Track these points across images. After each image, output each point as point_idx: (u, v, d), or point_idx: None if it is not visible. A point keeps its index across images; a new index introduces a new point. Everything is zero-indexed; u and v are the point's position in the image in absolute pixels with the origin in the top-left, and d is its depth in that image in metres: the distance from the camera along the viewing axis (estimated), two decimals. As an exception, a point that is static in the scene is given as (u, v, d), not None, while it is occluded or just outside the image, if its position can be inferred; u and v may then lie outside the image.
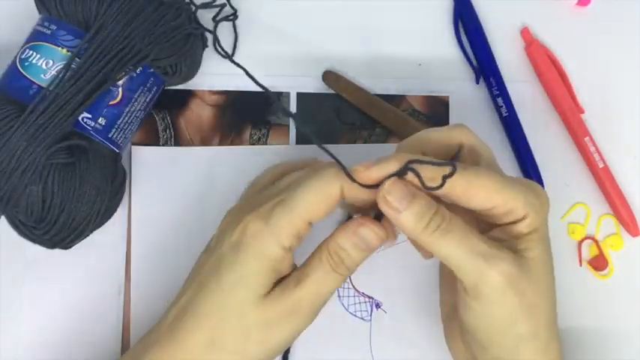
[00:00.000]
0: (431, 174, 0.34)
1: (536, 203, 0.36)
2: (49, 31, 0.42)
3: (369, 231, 0.36)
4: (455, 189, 0.35)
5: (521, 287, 0.35)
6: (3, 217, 0.43)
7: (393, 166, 0.34)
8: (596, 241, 0.49)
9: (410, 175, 0.34)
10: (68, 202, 0.41)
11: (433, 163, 0.33)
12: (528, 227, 0.36)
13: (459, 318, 0.39)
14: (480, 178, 0.35)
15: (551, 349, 0.37)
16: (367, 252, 0.37)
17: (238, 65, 0.36)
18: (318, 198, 0.36)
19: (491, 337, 0.36)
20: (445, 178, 0.33)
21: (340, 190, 0.36)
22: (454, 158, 0.38)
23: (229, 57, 0.37)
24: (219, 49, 0.38)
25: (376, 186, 0.35)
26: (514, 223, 0.36)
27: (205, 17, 0.48)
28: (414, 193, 0.34)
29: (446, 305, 0.43)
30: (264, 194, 0.39)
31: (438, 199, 0.36)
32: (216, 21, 0.48)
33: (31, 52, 0.42)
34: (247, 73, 0.36)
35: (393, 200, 0.34)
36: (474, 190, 0.35)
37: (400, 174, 0.34)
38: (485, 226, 0.38)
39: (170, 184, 0.48)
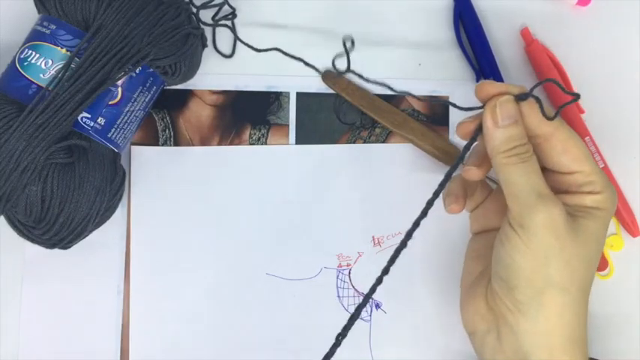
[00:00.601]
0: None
1: (612, 189, 0.39)
2: (48, 31, 0.42)
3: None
4: (557, 135, 0.38)
5: (562, 237, 0.36)
6: (2, 217, 0.43)
7: (515, 90, 0.38)
8: (596, 242, 0.49)
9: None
10: (67, 202, 0.41)
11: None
12: (598, 203, 0.38)
13: (491, 263, 0.39)
14: (579, 142, 0.38)
15: (579, 315, 0.38)
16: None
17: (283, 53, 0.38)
18: None
19: (522, 274, 0.37)
20: (560, 108, 0.37)
21: None
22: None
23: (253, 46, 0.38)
24: (243, 43, 0.39)
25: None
26: (586, 193, 0.38)
27: (206, 16, 0.48)
28: (518, 120, 0.37)
29: (471, 274, 0.43)
30: None
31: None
32: (215, 20, 0.48)
33: (30, 51, 0.42)
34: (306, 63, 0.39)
35: (500, 114, 0.37)
36: (570, 146, 0.38)
37: (520, 98, 0.37)
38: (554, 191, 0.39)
39: (170, 184, 0.48)
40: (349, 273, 0.48)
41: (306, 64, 0.42)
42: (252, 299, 0.48)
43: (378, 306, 0.48)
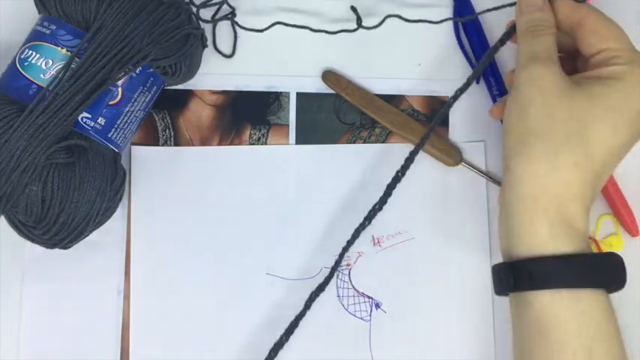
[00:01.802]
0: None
1: None
2: (48, 31, 0.42)
3: None
4: (588, 19, 0.41)
5: (547, 92, 0.39)
6: (2, 217, 0.43)
7: None
8: (595, 241, 0.49)
9: None
10: (68, 202, 0.41)
11: None
12: (615, 74, 0.39)
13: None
14: (611, 24, 0.41)
15: (560, 169, 0.38)
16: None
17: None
18: None
19: (509, 122, 0.40)
20: None
21: None
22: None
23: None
24: (244, 29, 0.39)
25: None
26: (608, 66, 0.40)
27: (206, 15, 0.48)
28: (544, 8, 0.42)
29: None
30: None
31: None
32: (214, 19, 0.48)
33: (30, 51, 0.42)
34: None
35: (525, 2, 0.42)
36: (600, 27, 0.41)
37: None
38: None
39: (170, 184, 0.48)
40: (349, 273, 0.48)
41: (314, 30, 0.43)
42: (252, 299, 0.48)
43: (378, 306, 0.48)
